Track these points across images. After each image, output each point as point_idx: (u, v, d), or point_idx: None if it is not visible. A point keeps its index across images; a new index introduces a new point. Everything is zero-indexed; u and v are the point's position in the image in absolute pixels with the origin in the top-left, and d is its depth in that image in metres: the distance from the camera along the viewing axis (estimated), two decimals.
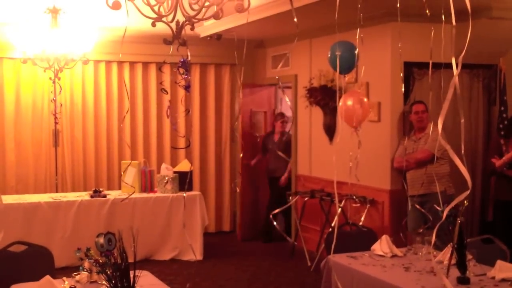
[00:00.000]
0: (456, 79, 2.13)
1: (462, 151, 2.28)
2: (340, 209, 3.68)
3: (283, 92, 9.65)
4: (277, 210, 4.32)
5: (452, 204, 2.26)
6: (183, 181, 7.97)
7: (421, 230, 5.35)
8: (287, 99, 8.05)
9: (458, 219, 3.02)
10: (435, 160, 6.28)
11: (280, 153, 4.99)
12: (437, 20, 3.20)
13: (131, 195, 7.47)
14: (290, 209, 8.69)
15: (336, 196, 3.48)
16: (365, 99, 6.17)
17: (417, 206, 5.77)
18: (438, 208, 4.28)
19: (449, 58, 2.25)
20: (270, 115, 9.80)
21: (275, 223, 5.41)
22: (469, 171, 2.23)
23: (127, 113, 9.25)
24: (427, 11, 3.32)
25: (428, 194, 6.36)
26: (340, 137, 5.26)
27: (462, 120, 2.28)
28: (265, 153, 9.30)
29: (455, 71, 2.15)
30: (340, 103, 5.85)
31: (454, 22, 2.31)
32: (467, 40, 2.23)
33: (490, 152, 6.82)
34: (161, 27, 3.22)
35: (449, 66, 2.37)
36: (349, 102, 5.93)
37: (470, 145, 7.39)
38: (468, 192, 2.20)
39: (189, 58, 3.18)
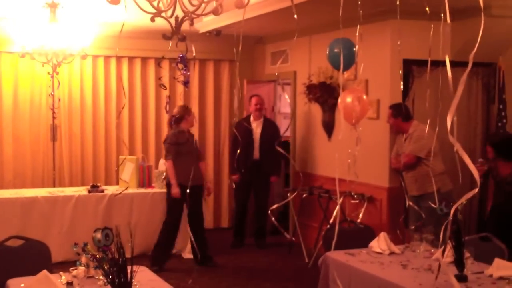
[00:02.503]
0: (464, 79, 2.12)
1: (455, 149, 2.27)
2: (338, 206, 3.68)
3: (282, 89, 9.61)
4: (275, 206, 4.31)
5: (459, 203, 2.25)
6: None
7: (413, 227, 5.38)
8: (286, 96, 8.03)
9: (450, 216, 3.01)
10: (419, 161, 6.33)
11: (279, 149, 4.89)
12: (436, 17, 3.19)
13: (124, 190, 7.43)
14: (288, 205, 8.66)
15: (338, 193, 3.47)
16: (364, 96, 6.17)
17: (411, 204, 5.78)
18: (434, 205, 4.29)
19: (449, 55, 2.24)
20: (269, 111, 9.78)
21: (273, 218, 5.40)
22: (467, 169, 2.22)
23: (123, 108, 9.21)
24: (427, 9, 3.31)
25: (424, 194, 6.37)
26: (340, 134, 5.26)
27: (455, 118, 2.27)
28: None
29: (449, 71, 2.14)
30: (339, 100, 5.85)
31: (448, 20, 2.30)
32: (478, 38, 2.23)
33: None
34: (160, 22, 3.21)
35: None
36: (348, 99, 5.93)
37: (469, 143, 7.38)
38: (476, 189, 2.19)
39: (194, 54, 3.17)
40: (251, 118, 8.57)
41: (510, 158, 6.01)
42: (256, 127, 8.48)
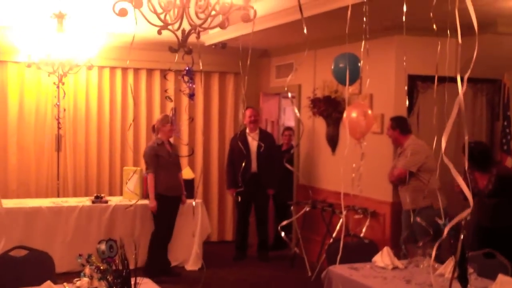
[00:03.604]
0: (461, 97, 2.13)
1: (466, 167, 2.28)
2: (342, 220, 3.68)
3: (292, 102, 9.59)
4: (285, 222, 4.32)
5: (454, 222, 2.27)
6: (185, 188, 7.97)
7: (421, 243, 5.34)
8: (296, 110, 8.01)
9: (443, 235, 3.01)
10: (408, 176, 6.34)
11: (288, 165, 4.78)
12: (442, 34, 3.20)
13: (136, 203, 7.44)
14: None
15: (343, 207, 3.48)
16: (369, 111, 6.18)
17: (418, 219, 5.79)
18: (440, 221, 4.29)
19: (453, 72, 2.25)
20: (275, 124, 9.81)
21: (283, 233, 5.39)
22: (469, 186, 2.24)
23: (133, 121, 9.24)
24: (434, 26, 3.32)
25: (416, 209, 6.38)
26: (344, 148, 5.27)
27: (467, 137, 2.28)
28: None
29: (460, 88, 2.16)
30: (345, 115, 5.86)
31: (460, 40, 2.31)
32: (474, 57, 2.24)
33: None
34: (166, 34, 3.22)
35: (453, 80, 2.38)
36: (354, 114, 5.94)
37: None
38: (469, 210, 2.20)
39: (201, 66, 3.19)
40: (247, 131, 8.56)
41: (486, 169, 6.00)
42: (252, 140, 8.46)
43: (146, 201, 7.94)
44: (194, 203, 7.71)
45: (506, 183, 5.97)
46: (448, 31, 2.76)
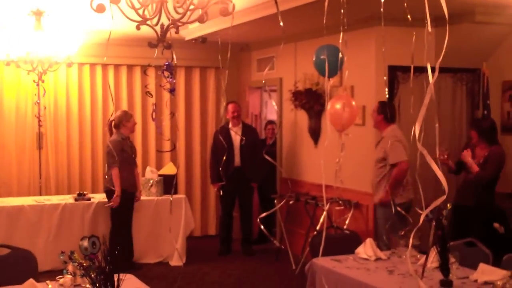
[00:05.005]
0: (432, 86, 2.14)
1: (437, 155, 2.29)
2: (325, 212, 3.69)
3: (269, 95, 9.61)
4: (263, 214, 4.32)
5: (430, 208, 2.28)
6: (168, 184, 7.96)
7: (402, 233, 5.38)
8: (273, 103, 8.03)
9: (433, 221, 3.04)
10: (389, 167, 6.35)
11: (267, 157, 4.80)
12: (420, 24, 3.22)
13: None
14: (275, 212, 8.66)
15: (324, 199, 3.49)
16: (353, 103, 6.18)
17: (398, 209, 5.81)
18: (420, 211, 4.31)
19: (430, 62, 2.27)
20: (258, 118, 9.83)
21: (262, 227, 5.39)
22: (445, 175, 2.26)
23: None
24: (409, 16, 3.34)
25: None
26: (327, 140, 5.27)
27: (437, 125, 2.29)
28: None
29: (431, 78, 2.17)
30: (328, 107, 5.85)
31: (429, 29, 2.33)
32: (444, 47, 2.25)
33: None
34: (145, 30, 3.21)
35: (432, 70, 2.39)
36: (338, 106, 5.94)
37: (453, 148, 7.43)
38: (444, 197, 2.22)
39: (175, 61, 3.18)
40: (230, 125, 8.57)
41: (491, 142, 6.27)
42: (235, 134, 8.47)
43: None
44: (171, 198, 7.70)
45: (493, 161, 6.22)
46: (425, 21, 2.77)
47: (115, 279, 3.20)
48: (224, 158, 8.01)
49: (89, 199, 7.76)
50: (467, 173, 6.42)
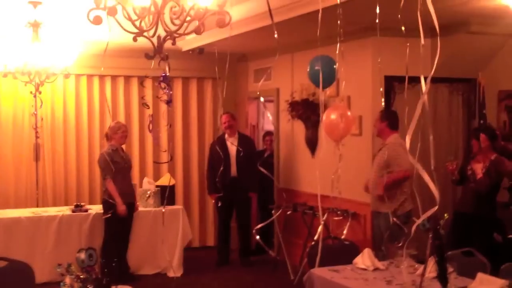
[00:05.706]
0: (425, 97, 2.15)
1: (432, 167, 2.30)
2: (322, 222, 3.69)
3: (264, 106, 9.62)
4: (260, 225, 4.32)
5: (421, 219, 2.29)
6: (165, 195, 7.95)
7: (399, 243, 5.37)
8: (268, 114, 8.03)
9: (430, 231, 3.04)
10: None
11: (262, 169, 4.78)
12: (416, 34, 3.23)
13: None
14: (272, 223, 8.64)
15: (320, 209, 3.49)
16: (349, 113, 6.18)
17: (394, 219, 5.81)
18: (416, 220, 4.31)
19: (426, 73, 2.28)
20: (256, 128, 9.84)
21: (258, 237, 5.39)
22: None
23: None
24: (403, 28, 3.36)
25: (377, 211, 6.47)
26: (323, 151, 5.28)
27: (431, 136, 2.30)
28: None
29: (423, 88, 2.18)
30: (324, 117, 5.85)
31: (422, 41, 2.34)
32: (436, 60, 2.27)
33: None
34: (142, 41, 3.22)
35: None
36: (333, 116, 5.94)
37: (450, 158, 7.43)
38: (436, 208, 2.22)
39: (168, 73, 3.19)
40: (226, 135, 8.59)
41: (496, 149, 6.39)
42: (231, 144, 8.48)
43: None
44: (163, 210, 7.68)
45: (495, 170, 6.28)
46: (420, 32, 2.78)
47: None
48: (221, 168, 8.01)
49: (86, 211, 7.75)
50: (469, 182, 6.43)
